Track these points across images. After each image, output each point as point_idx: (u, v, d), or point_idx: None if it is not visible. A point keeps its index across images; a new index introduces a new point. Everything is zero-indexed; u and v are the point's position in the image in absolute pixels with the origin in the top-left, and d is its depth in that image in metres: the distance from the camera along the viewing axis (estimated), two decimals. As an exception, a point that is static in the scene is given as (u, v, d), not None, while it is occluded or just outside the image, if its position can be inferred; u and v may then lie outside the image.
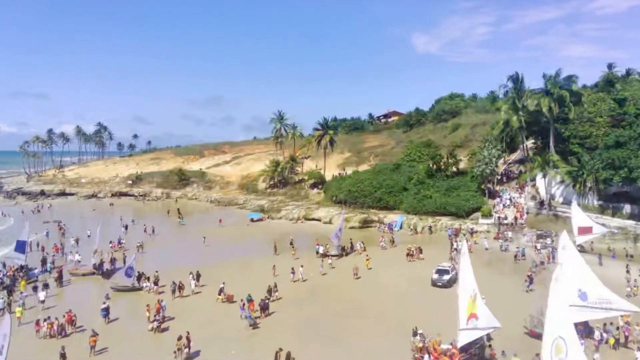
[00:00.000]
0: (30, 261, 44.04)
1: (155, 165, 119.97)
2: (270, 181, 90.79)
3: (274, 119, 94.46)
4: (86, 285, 40.14)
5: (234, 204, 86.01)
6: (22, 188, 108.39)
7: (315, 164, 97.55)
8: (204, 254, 50.13)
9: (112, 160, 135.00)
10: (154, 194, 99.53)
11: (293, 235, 59.60)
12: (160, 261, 45.96)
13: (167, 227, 66.73)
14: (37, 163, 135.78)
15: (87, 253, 45.96)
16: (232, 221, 69.01)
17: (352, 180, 72.83)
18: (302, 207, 73.03)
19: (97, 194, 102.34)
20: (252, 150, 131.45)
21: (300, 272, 39.54)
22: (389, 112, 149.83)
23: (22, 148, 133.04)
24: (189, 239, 58.30)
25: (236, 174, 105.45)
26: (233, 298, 33.83)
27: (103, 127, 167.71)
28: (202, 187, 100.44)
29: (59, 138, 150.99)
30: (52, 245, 52.84)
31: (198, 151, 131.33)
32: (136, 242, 54.11)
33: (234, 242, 56.62)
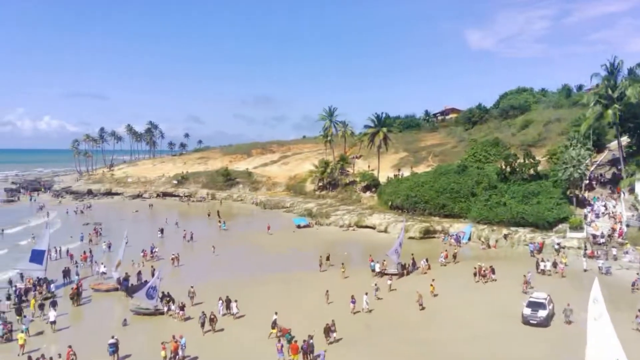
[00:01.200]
0: (55, 272, 39.69)
1: (203, 164, 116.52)
2: (319, 183, 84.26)
3: (323, 115, 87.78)
4: (107, 305, 34.92)
5: (280, 207, 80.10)
6: (70, 187, 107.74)
7: (367, 165, 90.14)
8: (245, 267, 44.05)
9: (160, 160, 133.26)
10: (199, 195, 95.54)
11: (344, 245, 52.89)
12: (196, 275, 40.32)
13: (208, 233, 61.47)
14: (89, 162, 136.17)
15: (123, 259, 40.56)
16: (277, 227, 62.91)
17: (410, 183, 64.92)
18: (354, 212, 65.87)
19: (142, 194, 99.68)
20: (301, 149, 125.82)
21: (366, 301, 31.70)
22: (446, 109, 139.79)
23: (73, 147, 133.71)
24: (231, 247, 52.61)
25: (283, 174, 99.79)
26: (289, 332, 27.08)
27: (154, 126, 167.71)
28: (248, 188, 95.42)
29: (111, 137, 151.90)
30: (83, 252, 48.38)
31: (245, 150, 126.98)
32: (171, 251, 49.05)
33: (278, 252, 50.32)
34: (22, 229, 64.01)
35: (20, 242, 55.73)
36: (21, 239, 57.52)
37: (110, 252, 51.86)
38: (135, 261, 44.46)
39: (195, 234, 57.23)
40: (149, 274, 39.36)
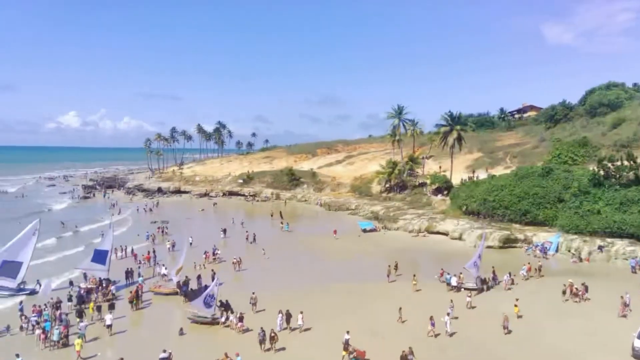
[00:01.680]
0: (119, 272, 39.17)
1: (268, 164, 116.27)
2: (386, 184, 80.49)
3: (391, 113, 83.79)
4: (165, 310, 33.54)
5: (344, 208, 77.17)
6: (142, 185, 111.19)
7: (438, 165, 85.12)
8: (308, 273, 41.43)
9: (227, 159, 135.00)
10: (264, 195, 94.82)
11: (413, 252, 49.14)
12: (258, 280, 38.25)
13: (271, 234, 59.72)
14: (161, 160, 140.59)
15: (185, 261, 39.12)
16: (342, 230, 60.02)
17: (487, 186, 59.61)
18: (424, 216, 61.52)
19: (209, 192, 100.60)
20: (367, 149, 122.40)
21: (447, 322, 27.58)
22: (524, 107, 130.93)
23: (145, 146, 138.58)
24: (293, 250, 50.35)
25: (348, 174, 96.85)
26: (365, 356, 23.99)
27: (222, 126, 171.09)
28: (312, 189, 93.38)
29: (181, 136, 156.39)
30: (147, 252, 47.98)
31: (310, 150, 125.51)
32: (233, 252, 47.63)
33: (343, 258, 47.32)
34: (96, 227, 65.64)
35: (95, 240, 56.61)
36: (96, 237, 58.30)
37: (174, 251, 51.44)
38: (197, 263, 43.25)
39: (258, 235, 55.57)
40: (209, 277, 37.83)
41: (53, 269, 42.36)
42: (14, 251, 35.96)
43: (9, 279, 35.40)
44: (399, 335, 26.89)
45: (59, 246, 52.75)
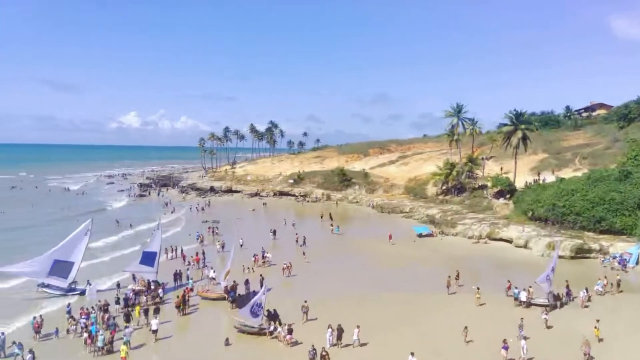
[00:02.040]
0: (169, 273, 38.51)
1: (319, 164, 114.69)
2: (442, 186, 76.70)
3: (449, 112, 79.71)
4: (212, 316, 32.25)
5: (398, 211, 74.09)
6: (195, 184, 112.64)
7: (499, 167, 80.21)
8: (360, 280, 38.91)
9: (278, 158, 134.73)
10: (314, 195, 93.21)
11: (474, 261, 45.71)
12: (308, 287, 36.43)
13: (321, 237, 57.86)
14: (214, 159, 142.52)
15: (233, 263, 37.56)
16: (395, 234, 57.23)
17: (555, 190, 54.85)
18: (485, 222, 57.56)
19: (259, 192, 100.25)
20: (421, 149, 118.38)
21: (523, 347, 24.15)
22: (592, 105, 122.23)
23: (199, 145, 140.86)
24: (345, 256, 48.08)
25: (402, 175, 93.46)
26: None
27: (274, 125, 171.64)
28: (364, 190, 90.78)
29: (234, 135, 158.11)
30: (196, 253, 47.23)
31: (362, 150, 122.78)
32: (283, 255, 46.13)
33: (397, 265, 44.54)
34: (151, 226, 66.31)
35: (149, 239, 56.97)
36: (150, 236, 58.60)
37: (224, 252, 50.65)
38: (246, 266, 41.98)
39: (308, 237, 53.81)
40: (257, 282, 36.38)
41: (106, 269, 42.41)
42: (66, 251, 35.98)
43: (60, 278, 35.45)
44: (467, 358, 24.10)
45: (112, 246, 53.01)
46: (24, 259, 36.83)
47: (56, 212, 74.68)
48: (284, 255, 46.23)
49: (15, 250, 46.16)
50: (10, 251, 46.16)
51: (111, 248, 51.78)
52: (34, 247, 44.22)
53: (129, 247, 51.44)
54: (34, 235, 55.25)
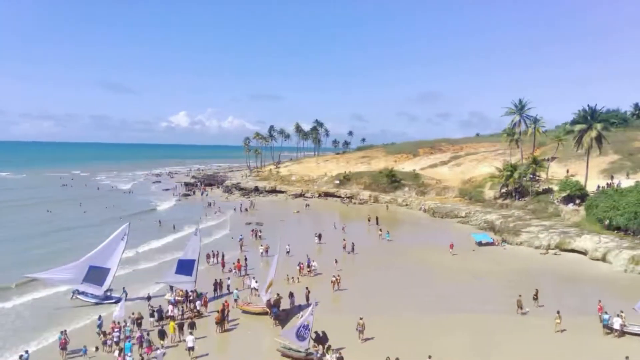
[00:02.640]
0: (206, 284, 35.74)
1: (366, 164, 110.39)
2: (501, 189, 70.86)
3: (511, 109, 73.72)
4: (254, 334, 28.93)
5: (452, 215, 68.92)
6: (239, 183, 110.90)
7: (565, 169, 73.54)
8: (418, 297, 34.61)
9: (323, 158, 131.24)
10: (361, 197, 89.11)
11: (545, 275, 40.73)
12: (358, 304, 32.33)
13: (369, 243, 53.79)
14: (259, 158, 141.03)
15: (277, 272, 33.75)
16: (448, 242, 52.64)
17: (636, 196, 48.51)
18: (554, 230, 51.78)
19: (304, 193, 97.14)
20: (475, 149, 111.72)
21: None
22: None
23: (244, 144, 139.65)
24: (399, 267, 43.73)
25: (455, 177, 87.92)
26: None
27: (319, 124, 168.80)
28: (414, 192, 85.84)
29: (279, 135, 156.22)
30: (237, 259, 44.26)
31: (411, 149, 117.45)
32: (329, 262, 42.62)
33: (459, 279, 39.75)
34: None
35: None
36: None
37: (268, 256, 47.75)
38: (290, 275, 38.67)
39: (356, 242, 49.98)
40: (302, 294, 32.98)
41: (144, 276, 40.07)
42: (102, 257, 33.81)
43: (95, 285, 33.33)
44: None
45: (153, 250, 50.71)
46: (63, 264, 35.04)
47: (102, 213, 73.99)
48: (330, 264, 42.73)
49: (57, 254, 45.02)
50: (50, 255, 45.19)
51: (151, 252, 49.68)
52: (73, 252, 42.80)
53: (170, 251, 48.96)
54: (77, 237, 54.22)
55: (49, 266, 35.89)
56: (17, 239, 53.85)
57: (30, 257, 45.01)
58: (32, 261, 42.56)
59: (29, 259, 44.37)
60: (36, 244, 51.43)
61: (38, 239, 54.20)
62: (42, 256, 45.13)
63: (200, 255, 35.16)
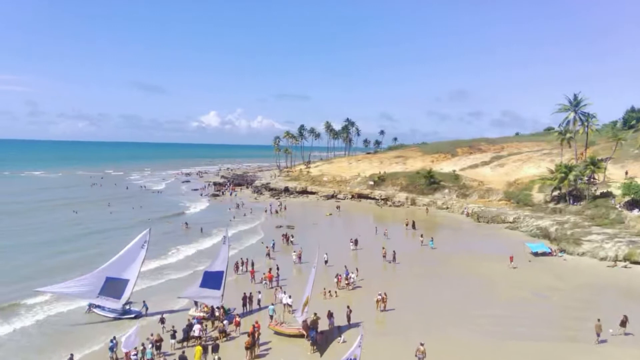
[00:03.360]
0: (233, 298, 32.12)
1: (401, 164, 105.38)
2: (553, 192, 65.06)
3: (565, 106, 67.77)
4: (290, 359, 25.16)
5: (499, 220, 63.56)
6: (269, 183, 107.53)
7: (622, 170, 67.23)
8: (476, 321, 29.85)
9: (355, 158, 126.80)
10: (397, 199, 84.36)
11: (616, 293, 35.42)
12: (411, 328, 28.07)
13: (411, 251, 49.29)
14: (289, 158, 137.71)
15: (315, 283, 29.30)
16: (501, 251, 47.61)
17: None
18: (620, 239, 46.05)
19: (336, 194, 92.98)
20: (518, 149, 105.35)
21: None
22: None
23: (274, 143, 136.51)
24: (449, 279, 39.04)
25: (499, 179, 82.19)
26: None
27: (350, 123, 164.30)
28: (454, 194, 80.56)
29: (309, 134, 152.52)
30: (269, 269, 40.38)
31: (449, 149, 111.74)
32: (368, 273, 38.53)
33: (518, 297, 34.80)
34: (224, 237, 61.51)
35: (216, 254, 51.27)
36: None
37: (301, 263, 44.06)
38: (327, 289, 34.65)
39: (396, 250, 45.65)
40: (342, 313, 28.91)
41: (169, 288, 36.73)
42: (120, 267, 30.53)
43: (111, 298, 30.06)
44: None
45: (178, 258, 46.76)
46: (80, 274, 31.92)
47: (128, 214, 71.52)
48: (370, 274, 38.76)
49: (76, 262, 42.32)
50: (69, 263, 42.42)
51: (177, 260, 45.88)
52: (92, 260, 40.02)
53: (198, 259, 45.66)
54: (100, 242, 51.29)
55: (66, 276, 32.99)
56: (37, 244, 50.34)
57: (46, 266, 41.88)
58: (47, 270, 39.64)
59: (45, 267, 41.38)
60: (57, 249, 48.33)
61: (59, 245, 50.58)
62: (60, 264, 42.32)
63: (228, 266, 31.52)
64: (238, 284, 37.33)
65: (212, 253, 44.19)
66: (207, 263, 38.95)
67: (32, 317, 30.02)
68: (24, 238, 53.17)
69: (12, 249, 48.03)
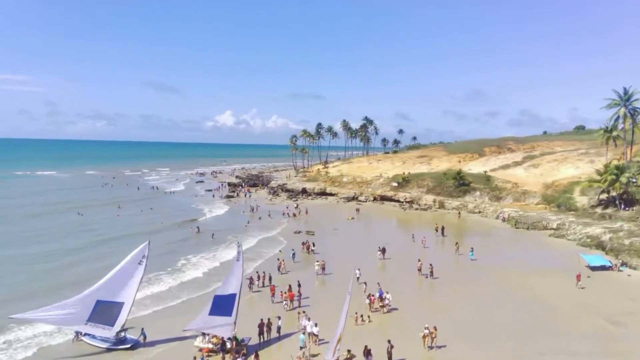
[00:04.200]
0: (248, 325, 26.88)
1: (425, 164, 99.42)
2: (599, 195, 58.83)
3: (615, 101, 61.53)
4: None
5: (541, 227, 57.44)
6: (285, 184, 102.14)
7: (677, 172, 60.58)
8: (539, 352, 24.61)
9: (375, 157, 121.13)
10: (423, 201, 78.54)
11: None
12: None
13: (448, 262, 43.72)
14: (305, 158, 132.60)
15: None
16: (550, 262, 41.87)
17: None
18: (692, 252, 39.92)
19: (357, 196, 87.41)
20: (550, 148, 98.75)
21: None
22: None
23: (290, 142, 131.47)
24: (500, 299, 33.28)
25: (534, 180, 75.99)
26: None
27: (369, 121, 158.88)
28: (486, 197, 74.50)
29: (327, 133, 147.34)
30: (288, 286, 33.95)
31: (475, 148, 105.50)
32: (402, 291, 32.99)
33: (587, 325, 29.04)
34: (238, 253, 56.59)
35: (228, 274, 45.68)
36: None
37: (324, 274, 39.00)
38: (358, 313, 29.26)
39: (428, 260, 40.18)
40: (382, 349, 23.48)
41: (173, 312, 31.75)
42: (113, 288, 25.45)
43: (103, 325, 24.99)
44: None
45: (185, 273, 40.51)
46: (65, 297, 26.78)
47: (137, 219, 65.90)
48: (404, 292, 33.53)
49: (76, 279, 36.84)
50: (65, 281, 36.73)
51: (185, 276, 39.47)
52: (91, 276, 35.09)
53: (209, 275, 39.94)
54: (104, 255, 43.82)
55: (54, 298, 28.11)
56: (33, 256, 44.24)
57: (34, 287, 35.21)
58: (32, 293, 33.24)
59: (32, 289, 34.70)
60: (53, 264, 42.05)
61: (56, 257, 44.17)
62: (54, 282, 36.39)
63: (242, 284, 26.28)
64: (253, 305, 32.14)
65: (226, 267, 39.76)
66: (219, 279, 34.08)
67: (8, 350, 25.09)
68: (18, 249, 47.35)
69: (3, 262, 42.17)
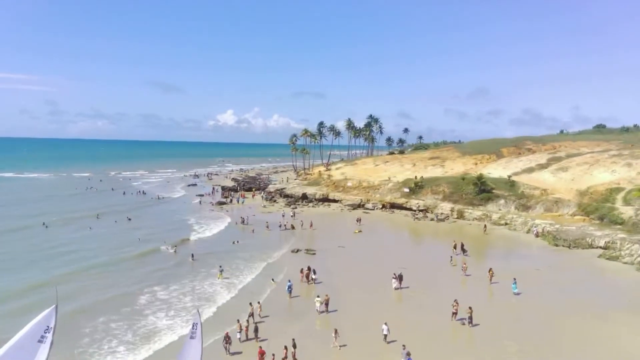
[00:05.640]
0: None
1: (438, 167, 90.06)
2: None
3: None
4: None
5: (585, 245, 48.38)
6: (284, 189, 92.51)
7: None
8: None
9: (382, 159, 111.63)
10: (440, 210, 69.36)
11: None
12: None
13: (483, 301, 34.69)
14: (306, 158, 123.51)
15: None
16: (623, 302, 32.81)
17: None
18: None
19: (364, 203, 78.32)
20: (576, 149, 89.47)
21: None
22: None
23: (291, 142, 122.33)
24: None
25: (565, 185, 66.99)
26: None
27: (374, 120, 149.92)
28: (512, 205, 65.42)
29: (329, 132, 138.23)
30: (293, 339, 26.09)
31: (492, 149, 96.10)
32: (429, 350, 24.16)
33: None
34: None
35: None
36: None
37: (328, 313, 30.76)
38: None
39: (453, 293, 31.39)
40: None
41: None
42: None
43: None
44: None
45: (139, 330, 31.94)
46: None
47: (108, 238, 54.63)
48: (433, 347, 24.49)
49: None
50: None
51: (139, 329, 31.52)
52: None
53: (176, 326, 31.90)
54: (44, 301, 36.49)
55: None
56: None
57: None
58: None
59: None
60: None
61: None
62: None
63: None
64: None
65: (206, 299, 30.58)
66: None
67: None
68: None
69: None
